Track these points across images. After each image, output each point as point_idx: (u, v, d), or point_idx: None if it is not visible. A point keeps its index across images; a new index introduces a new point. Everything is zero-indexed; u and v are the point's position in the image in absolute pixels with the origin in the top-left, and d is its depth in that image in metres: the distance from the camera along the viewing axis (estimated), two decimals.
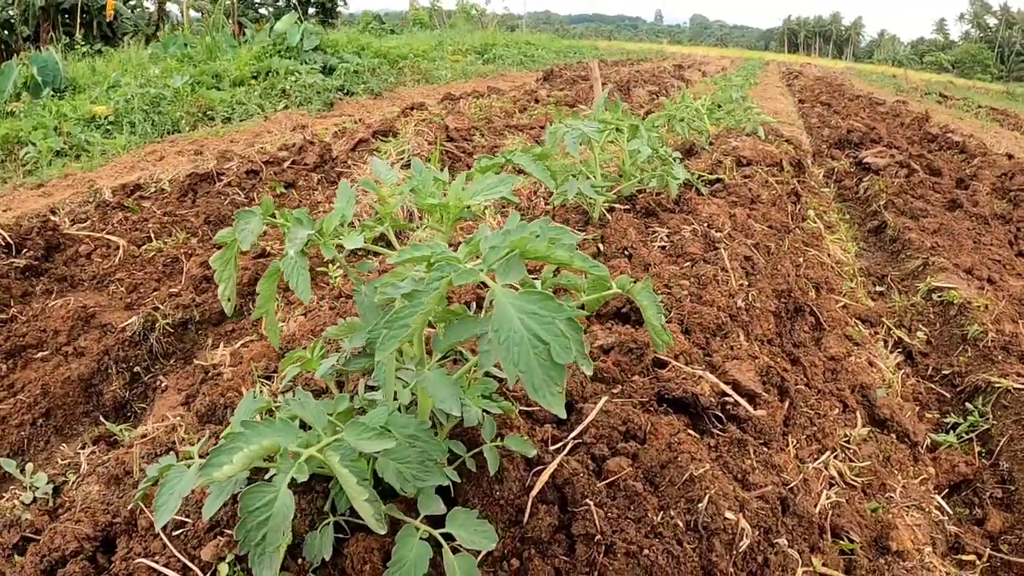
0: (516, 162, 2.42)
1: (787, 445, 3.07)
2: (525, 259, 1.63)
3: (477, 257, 1.69)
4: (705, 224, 4.87)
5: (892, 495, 3.28)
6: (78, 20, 27.22)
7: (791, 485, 2.65)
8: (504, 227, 1.72)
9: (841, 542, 2.73)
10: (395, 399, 2.03)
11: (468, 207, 2.02)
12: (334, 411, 1.81)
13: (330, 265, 5.21)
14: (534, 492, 2.20)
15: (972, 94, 37.90)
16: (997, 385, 4.19)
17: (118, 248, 5.63)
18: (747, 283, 4.17)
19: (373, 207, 2.20)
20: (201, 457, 1.90)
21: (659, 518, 2.18)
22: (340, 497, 1.98)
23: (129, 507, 2.46)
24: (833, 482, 3.12)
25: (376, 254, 2.02)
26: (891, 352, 4.92)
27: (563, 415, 1.57)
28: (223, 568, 2.05)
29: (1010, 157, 11.94)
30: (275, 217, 2.01)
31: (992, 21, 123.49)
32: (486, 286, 1.60)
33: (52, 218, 5.98)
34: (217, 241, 2.11)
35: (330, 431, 1.74)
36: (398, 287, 1.62)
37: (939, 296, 5.48)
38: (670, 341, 2.02)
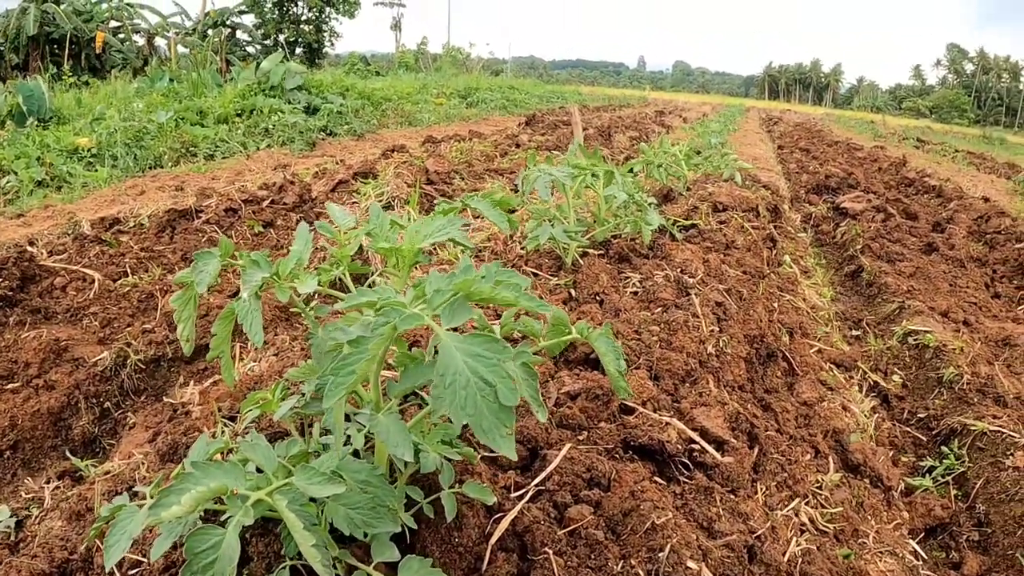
0: (473, 206, 2.42)
1: (756, 492, 3.05)
2: (471, 301, 1.63)
3: (424, 301, 1.68)
4: (678, 270, 4.88)
5: (865, 541, 3.27)
6: (67, 51, 27.38)
7: (759, 533, 2.63)
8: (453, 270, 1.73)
9: None
10: (350, 443, 2.02)
11: (423, 251, 2.01)
12: (286, 454, 1.79)
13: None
14: (493, 539, 2.17)
15: (949, 139, 38.55)
16: (973, 428, 4.20)
17: (94, 282, 5.60)
18: (718, 329, 4.17)
19: (331, 252, 2.19)
20: (154, 497, 1.88)
21: (619, 567, 2.16)
22: (288, 541, 1.95)
23: (85, 544, 2.43)
24: (804, 529, 3.10)
25: (333, 298, 2.02)
26: (866, 396, 4.92)
27: (514, 457, 1.56)
28: None
29: (986, 200, 12.10)
30: (235, 259, 2.00)
31: (969, 67, 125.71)
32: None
33: (29, 249, 5.95)
34: (177, 281, 2.10)
35: (282, 474, 1.72)
36: (346, 332, 1.61)
37: (915, 339, 5.50)
38: (628, 389, 2.01)
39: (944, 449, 4.25)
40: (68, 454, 4.02)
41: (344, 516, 1.75)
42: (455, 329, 1.62)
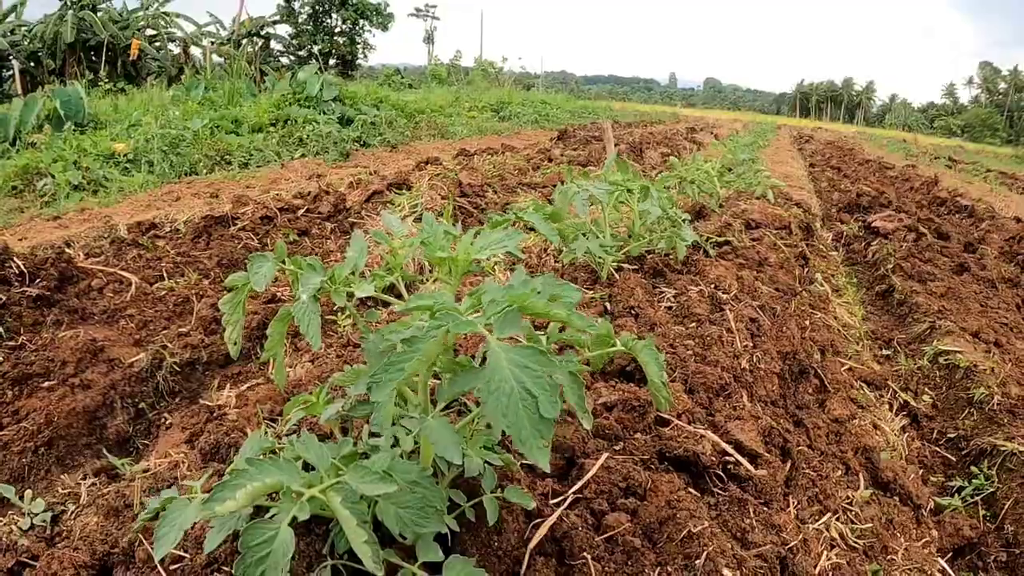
0: (526, 219, 2.47)
1: (788, 505, 3.07)
2: (524, 314, 1.67)
3: (479, 310, 1.73)
4: (712, 286, 4.90)
5: (894, 558, 3.27)
6: (103, 58, 27.80)
7: (791, 545, 2.65)
8: (509, 281, 1.77)
9: None
10: (399, 446, 2.06)
11: (476, 261, 2.06)
12: (337, 454, 1.83)
13: (339, 314, 5.25)
14: (532, 544, 2.21)
15: (981, 158, 38.24)
16: (1003, 448, 4.18)
17: (130, 284, 5.67)
18: (752, 344, 4.19)
19: (384, 258, 2.24)
20: (204, 492, 1.92)
21: (656, 573, 2.19)
22: (340, 538, 2.00)
23: (128, 538, 2.48)
24: (834, 543, 3.11)
25: (385, 304, 2.07)
26: (896, 415, 4.92)
27: (547, 468, 1.61)
28: None
29: (1018, 221, 11.99)
30: (287, 263, 2.06)
31: (1002, 85, 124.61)
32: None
33: (67, 250, 6.03)
34: (228, 285, 2.15)
35: (333, 473, 1.77)
36: (401, 334, 1.66)
37: (945, 359, 5.49)
38: (670, 398, 2.05)
39: (973, 469, 4.23)
40: (105, 452, 4.08)
41: (395, 515, 1.80)
42: (506, 339, 1.66)
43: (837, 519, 3.28)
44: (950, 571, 3.43)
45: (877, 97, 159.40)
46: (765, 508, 2.80)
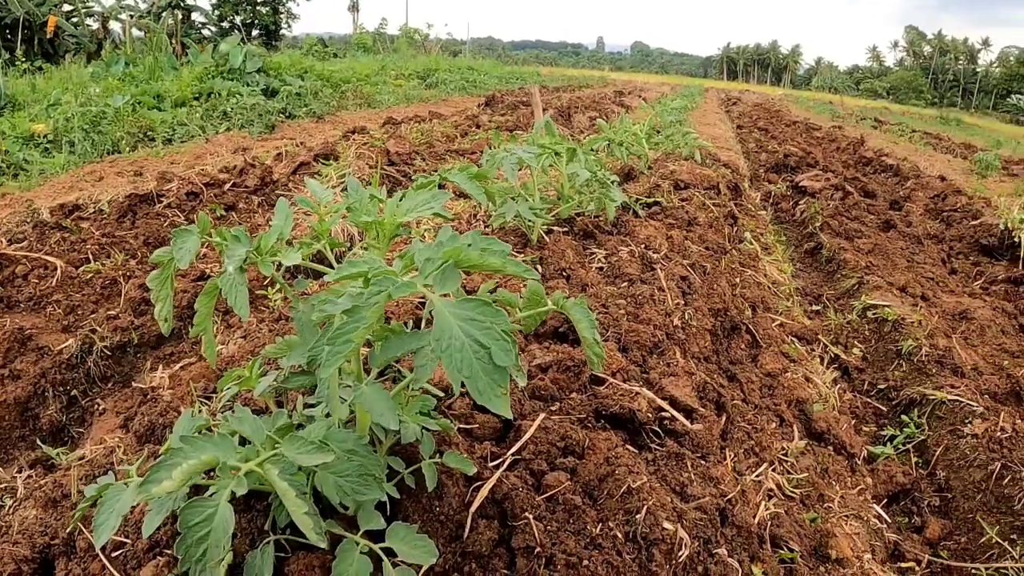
0: (452, 180, 2.46)
1: (725, 458, 3.13)
2: (459, 268, 1.67)
3: (413, 270, 1.72)
4: (642, 246, 4.94)
5: (831, 505, 3.37)
6: (19, 36, 26.83)
7: (729, 497, 2.70)
8: (436, 239, 1.77)
9: (781, 551, 2.80)
10: (333, 415, 2.05)
11: (404, 225, 2.05)
12: (273, 427, 1.81)
13: (269, 288, 5.19)
14: (474, 507, 2.21)
15: (907, 119, 39.05)
16: (932, 397, 4.32)
17: (55, 269, 5.53)
18: (684, 302, 4.24)
19: (311, 226, 2.22)
20: (140, 475, 1.89)
21: (598, 530, 2.22)
22: (280, 511, 1.98)
23: (68, 529, 2.44)
24: (772, 494, 3.18)
25: (315, 273, 2.04)
26: (827, 368, 5.03)
27: (509, 415, 1.61)
28: None
29: (943, 179, 12.32)
30: (212, 235, 2.02)
31: (927, 49, 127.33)
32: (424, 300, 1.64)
33: None
34: (154, 261, 2.11)
35: (269, 446, 1.75)
36: (336, 304, 1.64)
37: (874, 313, 5.62)
38: (603, 355, 2.07)
39: (904, 418, 4.36)
40: (39, 443, 4.00)
41: (333, 484, 1.79)
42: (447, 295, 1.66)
43: (774, 470, 3.36)
44: (885, 516, 3.54)
45: (803, 60, 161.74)
46: (703, 461, 2.85)
